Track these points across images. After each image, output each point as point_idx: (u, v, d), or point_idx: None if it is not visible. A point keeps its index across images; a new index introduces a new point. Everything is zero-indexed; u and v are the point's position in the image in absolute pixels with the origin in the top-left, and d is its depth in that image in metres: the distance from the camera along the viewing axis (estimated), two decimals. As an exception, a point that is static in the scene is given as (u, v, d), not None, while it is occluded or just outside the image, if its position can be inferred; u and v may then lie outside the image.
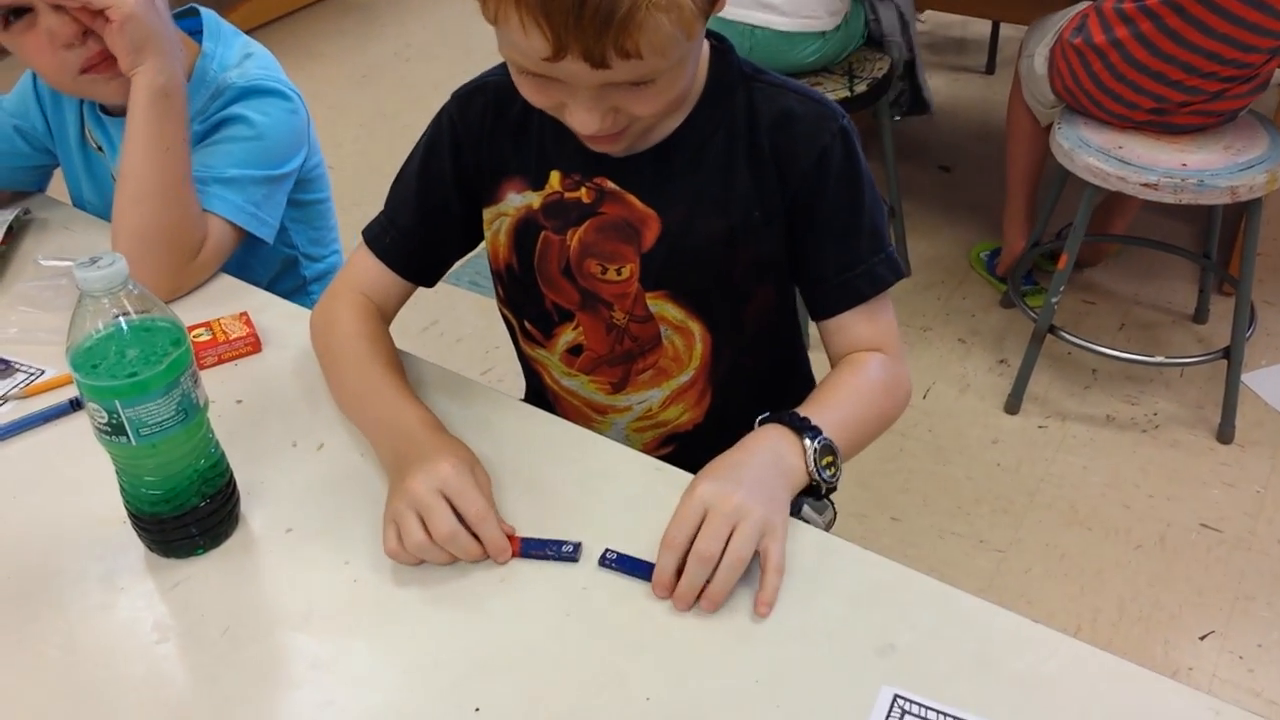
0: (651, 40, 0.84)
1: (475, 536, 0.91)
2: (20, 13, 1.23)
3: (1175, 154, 2.11)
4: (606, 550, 0.92)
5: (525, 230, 1.11)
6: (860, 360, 1.08)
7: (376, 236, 1.16)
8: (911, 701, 0.80)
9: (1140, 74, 2.10)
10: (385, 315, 1.16)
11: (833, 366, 1.12)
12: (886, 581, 0.90)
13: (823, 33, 2.35)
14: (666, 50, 0.87)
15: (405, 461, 0.95)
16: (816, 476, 0.95)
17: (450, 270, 1.21)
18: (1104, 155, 2.13)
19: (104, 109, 1.40)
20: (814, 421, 0.97)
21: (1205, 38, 2.01)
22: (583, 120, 0.92)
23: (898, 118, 2.79)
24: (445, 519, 0.90)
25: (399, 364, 1.10)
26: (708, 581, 0.87)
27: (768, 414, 1.00)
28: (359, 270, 1.16)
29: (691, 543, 0.87)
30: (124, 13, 1.20)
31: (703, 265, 1.08)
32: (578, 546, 0.92)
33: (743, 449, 0.95)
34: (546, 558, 0.92)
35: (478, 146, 1.11)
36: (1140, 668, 0.82)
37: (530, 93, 0.95)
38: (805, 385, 1.25)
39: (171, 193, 1.24)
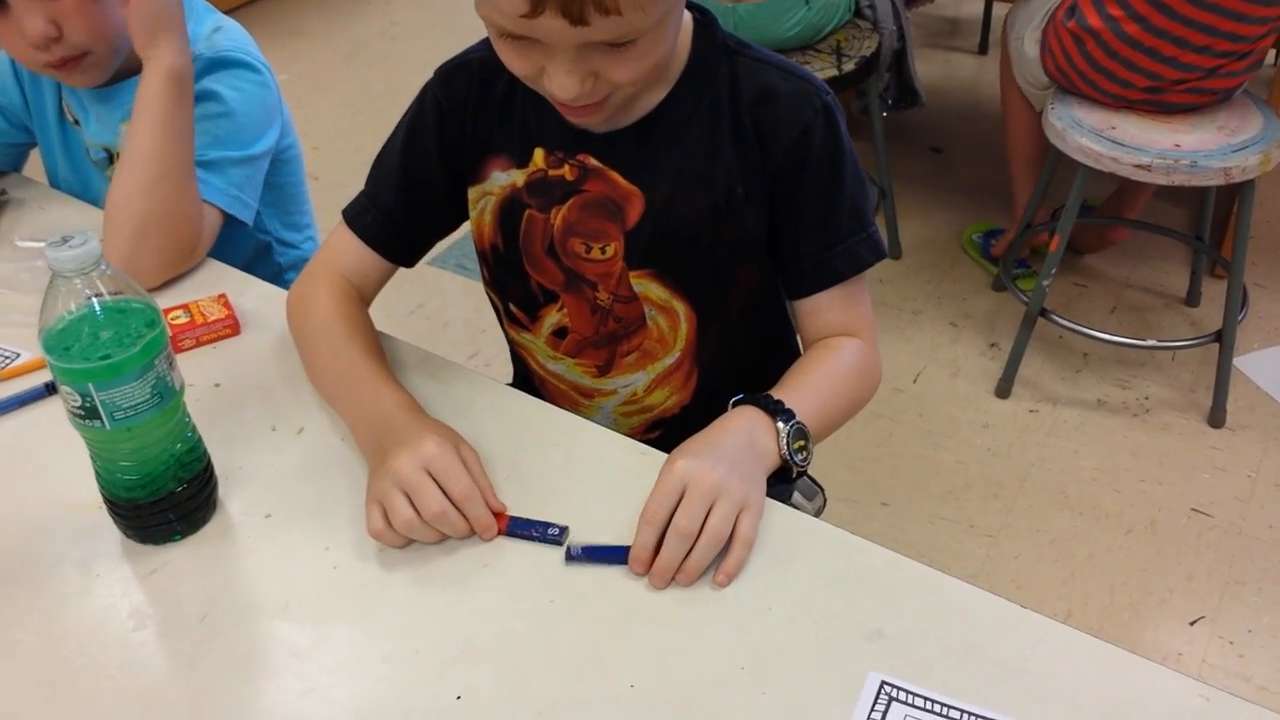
0: None
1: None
2: None
3: (1169, 135, 2.10)
4: (570, 547, 0.90)
5: (510, 209, 1.09)
6: (835, 345, 1.08)
7: (357, 215, 1.14)
8: (899, 688, 0.79)
9: (1134, 50, 2.09)
10: (365, 297, 1.14)
11: (805, 348, 1.11)
12: (874, 567, 0.89)
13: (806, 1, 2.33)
14: (646, 6, 0.85)
15: (385, 445, 0.94)
16: (788, 459, 0.94)
17: (437, 253, 1.20)
18: (1096, 136, 2.11)
19: None
20: (787, 405, 0.97)
21: (1197, 9, 2.00)
22: (562, 84, 0.90)
23: (884, 114, 2.76)
24: (434, 497, 0.89)
25: (378, 347, 1.08)
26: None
27: (741, 395, 0.99)
28: (338, 250, 1.14)
29: (670, 518, 0.86)
30: None
31: (686, 243, 1.07)
32: (564, 530, 0.91)
33: (718, 428, 0.95)
34: (532, 538, 0.91)
35: (462, 123, 1.09)
36: (1128, 653, 0.81)
37: (510, 58, 0.93)
38: None
39: (177, 179, 1.23)
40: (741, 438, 0.94)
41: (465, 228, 1.19)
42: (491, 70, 1.05)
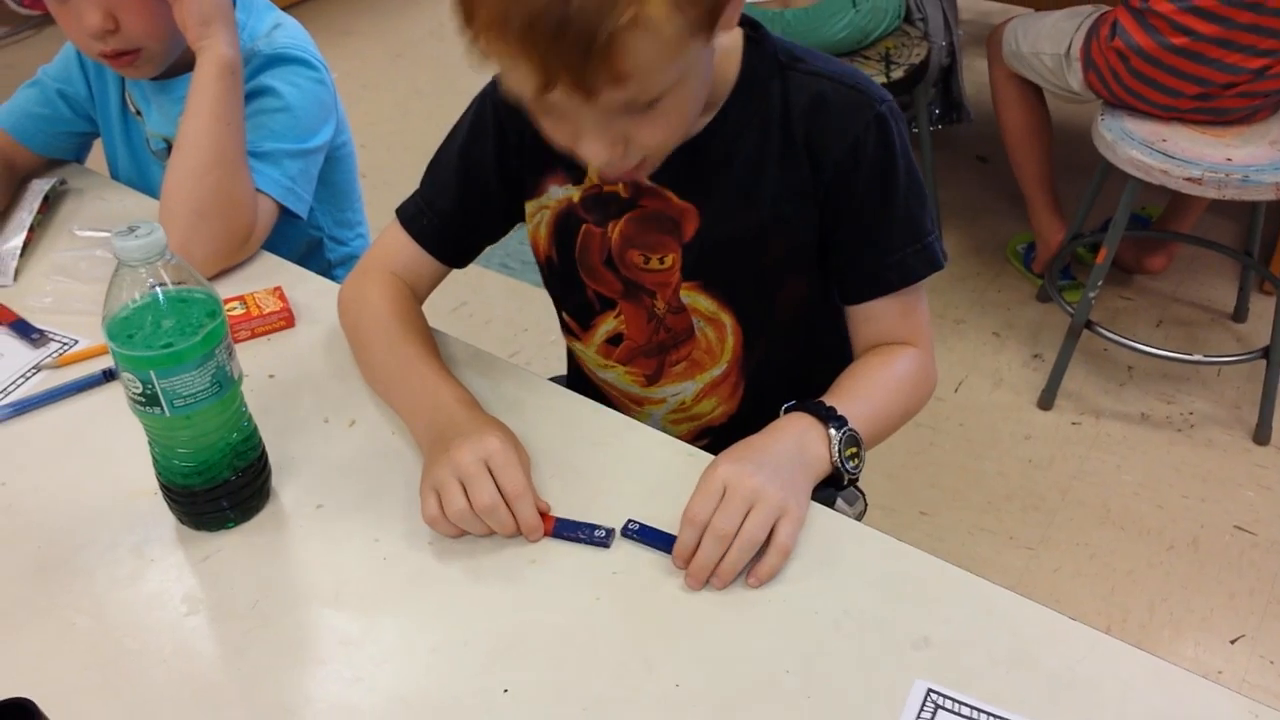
0: (637, 62, 0.80)
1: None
2: None
3: (1220, 148, 2.08)
4: (629, 521, 0.91)
5: (565, 223, 1.10)
6: (890, 352, 1.07)
7: (413, 218, 1.14)
8: (946, 696, 0.78)
9: (1181, 58, 2.07)
10: (418, 295, 1.16)
11: (856, 353, 1.11)
12: (921, 575, 0.89)
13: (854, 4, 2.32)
14: (656, 72, 0.83)
15: (445, 437, 0.94)
16: (840, 466, 0.94)
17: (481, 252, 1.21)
18: (1147, 148, 2.09)
19: None
20: (840, 411, 0.96)
21: (1238, 10, 1.99)
22: (593, 151, 0.90)
23: (932, 127, 2.75)
24: (488, 490, 0.90)
25: (433, 343, 1.09)
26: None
27: (794, 402, 0.99)
28: (392, 249, 1.15)
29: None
30: None
31: (736, 258, 1.07)
32: (610, 533, 0.92)
33: (768, 434, 0.95)
34: (578, 540, 0.92)
35: (521, 134, 1.08)
36: (1178, 668, 0.81)
37: (546, 130, 0.93)
38: None
39: (229, 167, 1.24)
40: (790, 445, 0.94)
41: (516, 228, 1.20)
42: None
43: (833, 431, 0.95)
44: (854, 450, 0.96)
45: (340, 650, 0.84)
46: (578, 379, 1.26)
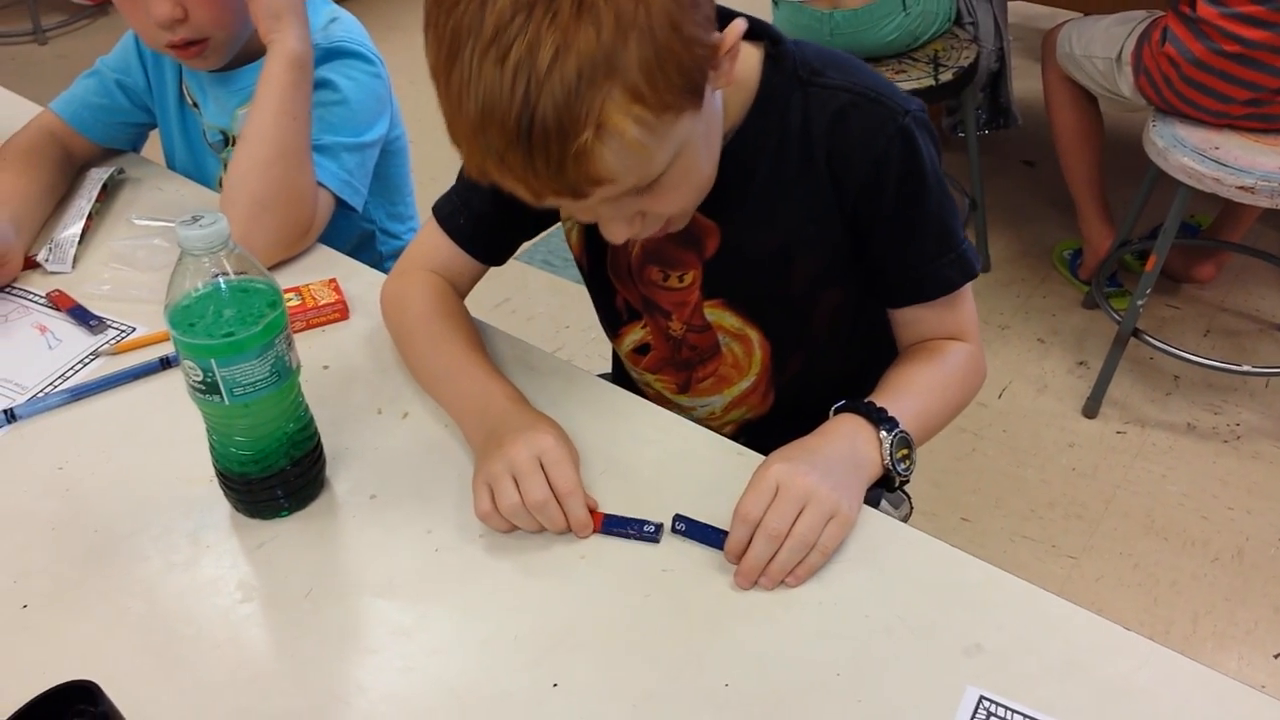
0: (616, 166, 0.79)
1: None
2: None
3: (1274, 157, 2.05)
4: (676, 516, 0.91)
5: (593, 229, 1.08)
6: (938, 349, 1.07)
7: (449, 217, 1.14)
8: (998, 704, 0.78)
9: (1232, 63, 2.05)
10: (459, 292, 1.16)
11: (903, 348, 1.10)
12: (973, 580, 0.88)
13: (902, 1, 2.31)
14: (641, 165, 0.82)
15: (498, 433, 0.95)
16: (891, 468, 0.94)
17: (524, 249, 1.21)
18: (1199, 156, 2.07)
19: None
20: (890, 412, 0.96)
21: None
22: (614, 233, 0.91)
23: (979, 132, 2.73)
24: (540, 486, 0.90)
25: (478, 339, 1.09)
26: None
27: (843, 402, 0.99)
28: (430, 249, 1.15)
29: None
30: None
31: (759, 275, 1.06)
32: (659, 527, 0.92)
33: (820, 435, 0.95)
34: (628, 536, 0.92)
35: None
36: (1235, 681, 0.80)
37: (565, 213, 0.94)
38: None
39: (293, 160, 1.25)
40: (842, 447, 0.93)
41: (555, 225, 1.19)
42: None
43: (884, 434, 0.94)
44: (905, 452, 0.95)
45: (391, 640, 0.85)
46: (621, 376, 1.26)
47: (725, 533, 0.89)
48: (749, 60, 0.98)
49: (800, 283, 1.06)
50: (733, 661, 0.82)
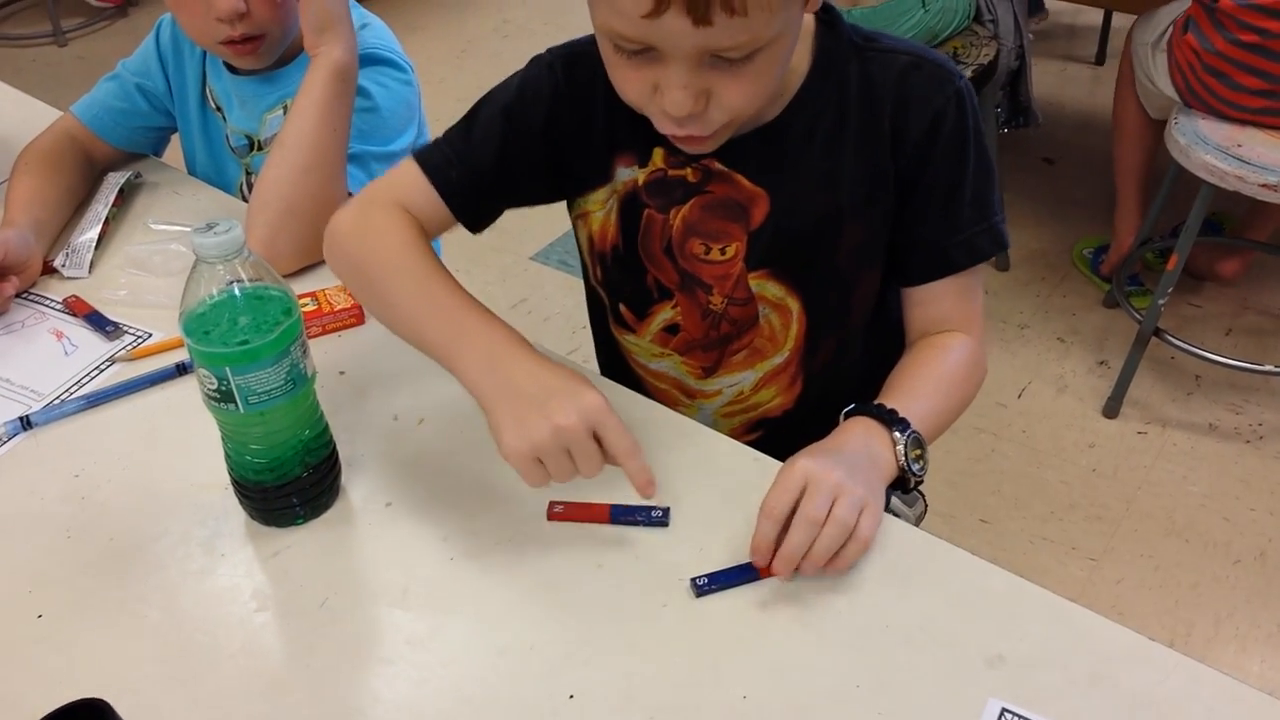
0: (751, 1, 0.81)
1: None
2: None
3: (1298, 155, 2.03)
4: (695, 580, 0.88)
5: (630, 207, 1.08)
6: (942, 344, 1.07)
7: (438, 167, 1.07)
8: (1021, 716, 0.77)
9: (1246, 52, 2.04)
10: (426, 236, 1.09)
11: (910, 338, 1.10)
12: (995, 589, 0.87)
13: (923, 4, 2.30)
14: (765, 12, 0.83)
15: (523, 386, 0.88)
16: (906, 469, 0.93)
17: (540, 248, 1.20)
18: (1222, 153, 2.05)
19: (230, 66, 1.41)
20: (901, 414, 0.95)
21: None
22: (675, 100, 0.88)
23: (999, 130, 2.72)
24: (595, 461, 0.86)
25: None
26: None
27: (854, 405, 0.98)
28: (404, 189, 1.07)
29: (789, 514, 0.85)
30: None
31: (808, 244, 1.06)
32: (666, 511, 0.92)
33: (835, 438, 0.95)
34: (636, 523, 0.91)
35: (585, 116, 1.06)
36: (1262, 693, 0.78)
37: (622, 75, 0.91)
38: None
39: (328, 170, 1.25)
40: (859, 447, 0.93)
41: (569, 222, 1.18)
42: None
43: (897, 434, 0.94)
44: (919, 453, 0.95)
45: (407, 650, 0.84)
46: (617, 377, 1.25)
47: (748, 565, 0.88)
48: (805, 28, 1.00)
49: (846, 255, 1.07)
50: (751, 673, 0.81)
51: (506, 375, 0.90)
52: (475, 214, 1.11)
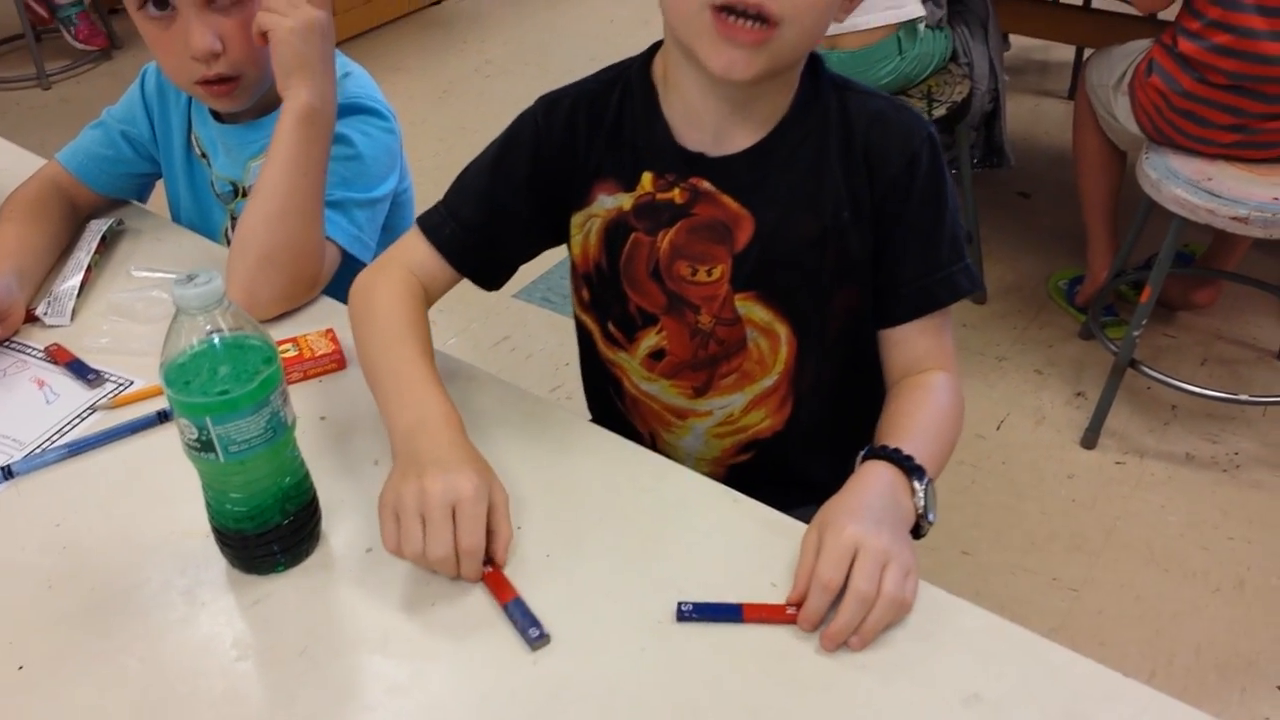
0: None
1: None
2: (162, 4, 1.26)
3: (1267, 187, 2.06)
4: (680, 605, 0.89)
5: (615, 231, 1.12)
6: (927, 384, 1.09)
7: (435, 227, 1.15)
8: (997, 755, 0.78)
9: (1212, 89, 2.09)
10: (430, 297, 1.16)
11: (890, 379, 1.13)
12: (971, 628, 0.88)
13: (898, 45, 2.33)
14: None
15: (422, 459, 0.94)
16: (925, 521, 0.96)
17: (523, 285, 1.22)
18: (1192, 187, 2.08)
19: (215, 113, 1.42)
20: (917, 460, 0.97)
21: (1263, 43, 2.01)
22: None
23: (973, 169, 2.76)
24: (445, 542, 0.90)
25: (431, 351, 1.09)
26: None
27: (870, 448, 0.99)
28: (408, 250, 1.16)
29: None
30: (278, 36, 1.23)
31: (793, 265, 1.09)
32: (543, 636, 0.87)
33: (864, 488, 0.95)
34: (514, 625, 0.89)
35: (566, 152, 1.11)
36: (1235, 729, 0.79)
37: None
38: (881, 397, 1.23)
39: (303, 216, 1.25)
40: (888, 500, 0.94)
41: (551, 259, 1.20)
42: (600, 100, 1.10)
43: (916, 484, 0.95)
44: (933, 500, 0.97)
45: (388, 698, 0.85)
46: (609, 400, 1.26)
47: (737, 606, 0.88)
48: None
49: (828, 274, 1.10)
50: (730, 714, 0.82)
51: (416, 445, 0.97)
52: (478, 269, 1.17)
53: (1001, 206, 3.15)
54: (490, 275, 1.19)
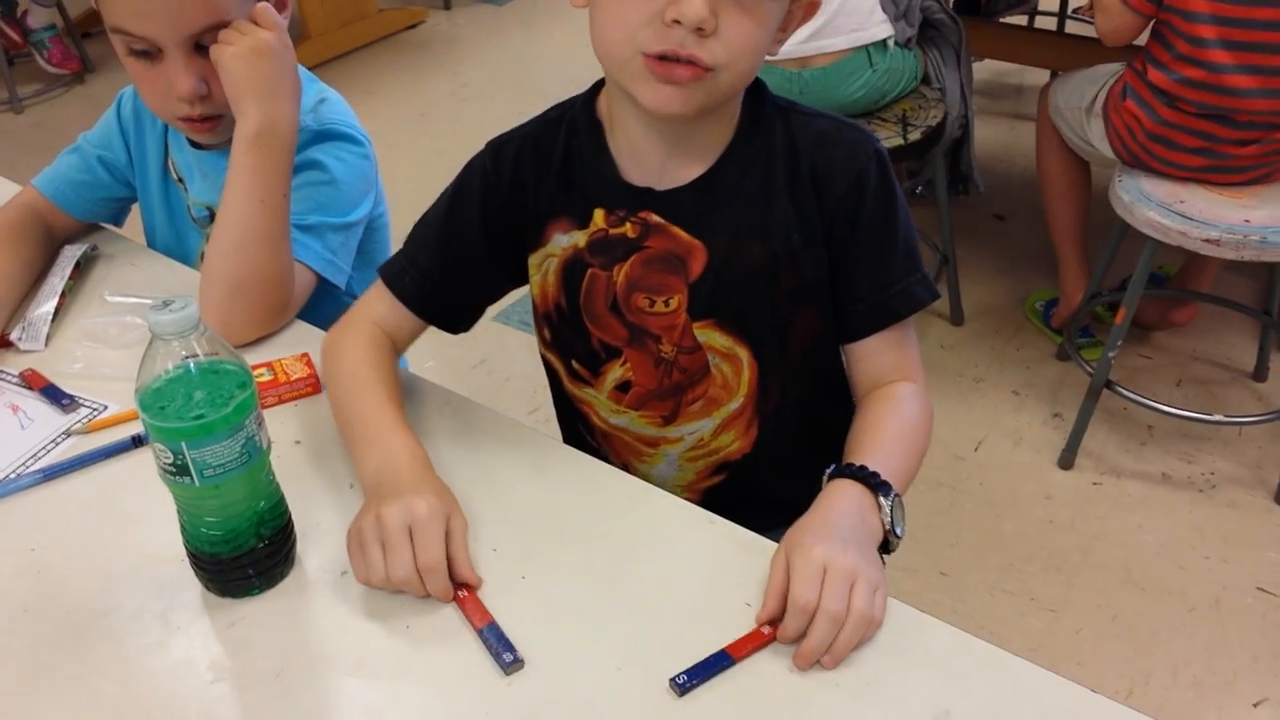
0: None
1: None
2: (147, 52, 1.27)
3: (1238, 210, 2.09)
4: (675, 678, 0.86)
5: (572, 269, 1.13)
6: (895, 395, 1.10)
7: (395, 276, 1.17)
8: (968, 772, 0.78)
9: (1185, 116, 2.12)
10: (397, 348, 1.18)
11: (858, 393, 1.14)
12: (943, 646, 0.89)
13: (869, 58, 2.35)
14: None
15: (384, 488, 0.97)
16: (893, 535, 0.96)
17: (500, 309, 1.23)
18: (1165, 210, 2.11)
19: (193, 141, 1.43)
20: (883, 476, 0.97)
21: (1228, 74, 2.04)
22: (693, 7, 0.90)
23: (923, 194, 2.80)
24: (405, 563, 0.91)
25: (398, 396, 1.11)
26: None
27: (835, 467, 1.00)
28: (372, 302, 1.19)
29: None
30: (223, 64, 1.24)
31: (747, 292, 1.10)
32: (516, 661, 0.87)
33: (830, 508, 0.96)
34: (488, 649, 0.89)
35: (515, 195, 1.13)
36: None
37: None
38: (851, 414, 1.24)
39: (267, 243, 1.25)
40: (855, 518, 0.95)
41: (525, 287, 1.21)
42: (546, 143, 1.11)
43: (882, 500, 0.96)
44: (901, 515, 0.98)
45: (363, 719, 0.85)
46: (579, 435, 1.27)
47: (725, 654, 0.87)
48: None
49: (783, 298, 1.10)
50: (704, 734, 0.82)
51: (380, 482, 0.99)
52: (441, 314, 1.19)
53: (977, 229, 3.17)
54: (454, 320, 1.21)
